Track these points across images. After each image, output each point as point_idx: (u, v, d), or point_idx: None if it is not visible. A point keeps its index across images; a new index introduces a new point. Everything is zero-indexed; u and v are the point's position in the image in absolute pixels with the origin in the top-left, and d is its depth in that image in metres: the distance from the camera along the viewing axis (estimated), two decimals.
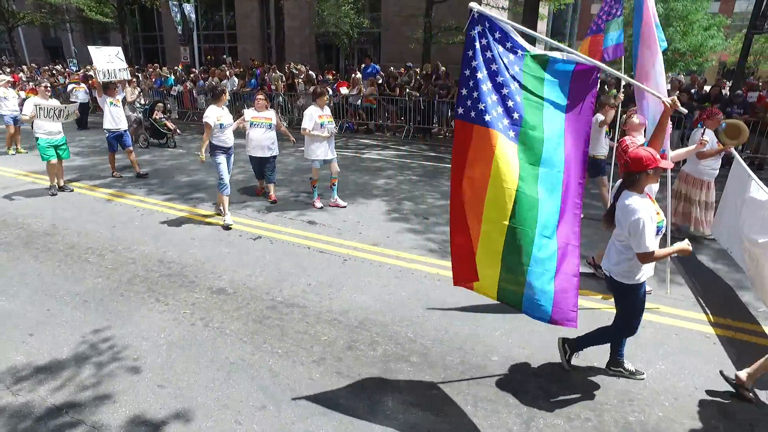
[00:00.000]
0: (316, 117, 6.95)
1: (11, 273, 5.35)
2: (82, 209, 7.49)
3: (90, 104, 15.75)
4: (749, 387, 3.52)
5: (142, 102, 13.77)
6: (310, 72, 15.83)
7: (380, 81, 14.36)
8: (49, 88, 8.31)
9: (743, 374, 3.53)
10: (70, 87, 14.34)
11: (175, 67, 18.67)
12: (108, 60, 9.00)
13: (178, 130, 12.76)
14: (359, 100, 14.27)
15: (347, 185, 8.77)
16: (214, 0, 27.83)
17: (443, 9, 19.52)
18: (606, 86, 11.78)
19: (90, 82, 17.38)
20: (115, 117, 8.83)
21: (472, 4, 3.09)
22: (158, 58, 29.57)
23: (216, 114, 6.49)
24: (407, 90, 13.70)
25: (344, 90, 14.26)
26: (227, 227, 6.63)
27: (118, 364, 3.79)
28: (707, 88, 12.16)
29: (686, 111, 4.40)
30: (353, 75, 15.78)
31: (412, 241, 6.27)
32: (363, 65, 16.04)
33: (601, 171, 6.87)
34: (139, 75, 18.03)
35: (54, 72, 20.62)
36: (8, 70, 21.12)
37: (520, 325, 4.35)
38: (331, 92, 14.57)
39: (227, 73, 16.45)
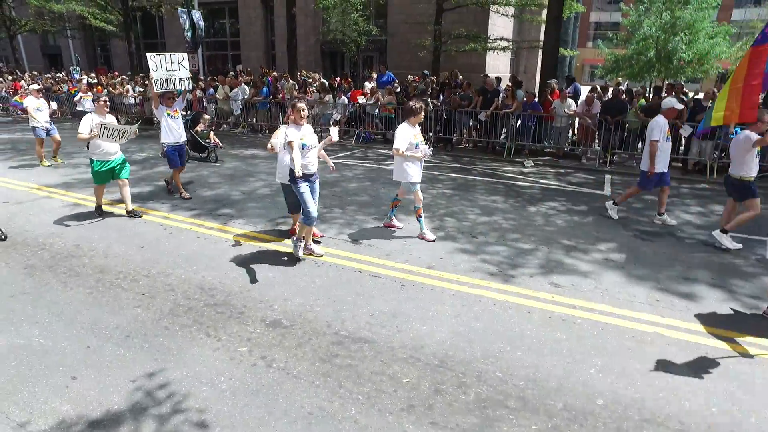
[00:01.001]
0: (411, 137, 6.20)
1: (41, 301, 4.86)
2: (106, 228, 7.01)
3: None
4: None
5: (183, 113, 13.04)
6: (323, 80, 15.41)
7: (398, 90, 13.99)
8: (108, 103, 7.46)
9: None
10: (78, 96, 13.82)
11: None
12: (168, 68, 8.20)
13: (221, 144, 11.89)
14: (377, 110, 13.88)
15: (381, 200, 8.34)
16: (217, 7, 27.47)
17: (451, 16, 19.24)
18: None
19: (96, 89, 16.91)
20: (173, 130, 8.06)
21: None
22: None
23: (298, 134, 5.41)
24: (426, 99, 13.32)
25: (362, 99, 13.86)
26: (320, 255, 5.97)
27: (183, 417, 3.31)
28: None
29: None
30: (368, 83, 15.43)
31: (468, 264, 5.83)
32: (378, 73, 15.67)
33: (752, 193, 6.22)
34: (147, 83, 17.52)
35: (56, 79, 20.08)
36: (9, 78, 20.56)
37: (613, 362, 3.94)
38: (346, 101, 14.19)
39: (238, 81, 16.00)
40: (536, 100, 12.31)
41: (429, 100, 13.27)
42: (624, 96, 11.57)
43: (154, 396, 3.51)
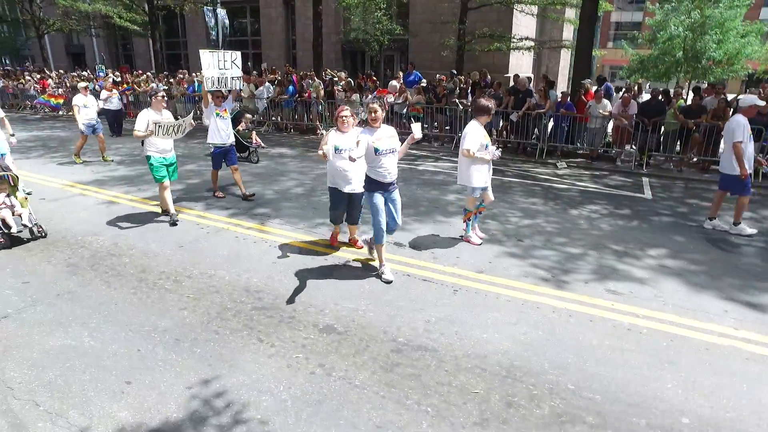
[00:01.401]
0: (481, 137, 5.75)
1: (87, 301, 4.75)
2: (142, 226, 6.91)
3: (123, 111, 15.27)
4: None
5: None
6: (349, 79, 15.26)
7: (424, 86, 13.78)
8: (165, 98, 7.09)
9: None
10: (104, 95, 13.80)
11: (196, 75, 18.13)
12: (221, 66, 7.67)
13: (263, 144, 11.50)
14: (405, 109, 13.68)
15: (419, 201, 8.15)
16: (238, 6, 27.47)
17: (474, 15, 18.98)
18: None
19: (120, 87, 16.95)
20: (221, 130, 7.72)
21: None
22: (181, 63, 29.23)
23: (373, 137, 4.98)
24: (455, 99, 13.11)
25: (390, 98, 13.68)
26: (387, 282, 5.19)
27: (245, 428, 3.15)
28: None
29: None
30: (394, 82, 15.24)
31: (519, 268, 5.62)
32: (404, 72, 15.48)
33: None
34: (172, 81, 17.55)
35: (82, 77, 20.17)
36: (37, 76, 20.73)
37: (690, 377, 3.71)
38: (366, 99, 14.01)
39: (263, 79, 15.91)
40: (569, 100, 12.02)
41: (457, 100, 13.06)
42: (662, 97, 11.24)
43: (213, 405, 3.36)
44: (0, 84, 19.92)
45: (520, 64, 24.32)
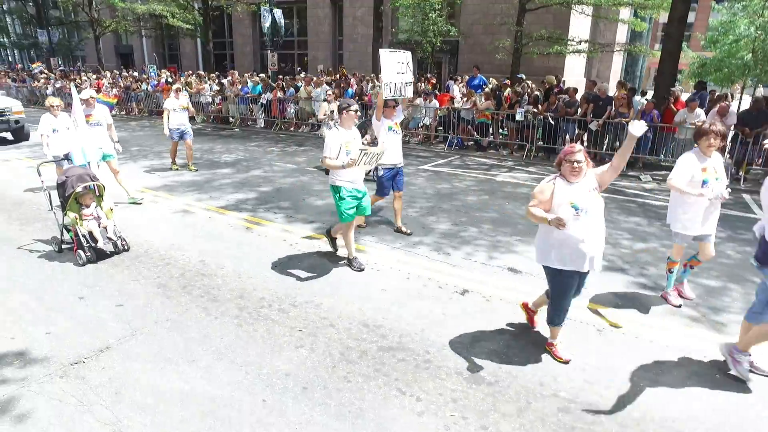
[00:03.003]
0: (695, 170, 4.36)
1: (189, 332, 4.27)
2: (223, 239, 6.45)
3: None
4: None
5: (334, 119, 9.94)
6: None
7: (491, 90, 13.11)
8: (358, 113, 5.54)
9: None
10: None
11: (260, 75, 17.82)
12: (399, 69, 6.25)
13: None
14: (472, 115, 13.03)
15: (511, 217, 7.51)
16: (285, 6, 27.22)
17: (530, 17, 18.14)
18: None
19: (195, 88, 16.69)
20: (395, 148, 6.32)
21: None
22: (226, 64, 29.16)
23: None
24: (527, 106, 12.38)
25: (457, 103, 13.05)
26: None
27: None
28: None
29: None
30: (454, 86, 14.63)
31: (659, 307, 4.90)
32: (469, 76, 14.84)
33: None
34: (224, 82, 17.29)
35: (135, 78, 20.15)
36: (93, 76, 20.81)
37: None
38: (437, 104, 13.42)
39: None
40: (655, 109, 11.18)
41: (529, 107, 12.34)
42: (766, 105, 10.31)
43: None
44: (59, 84, 20.03)
45: (573, 68, 23.40)
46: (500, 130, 13.25)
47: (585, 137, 12.02)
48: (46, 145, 7.48)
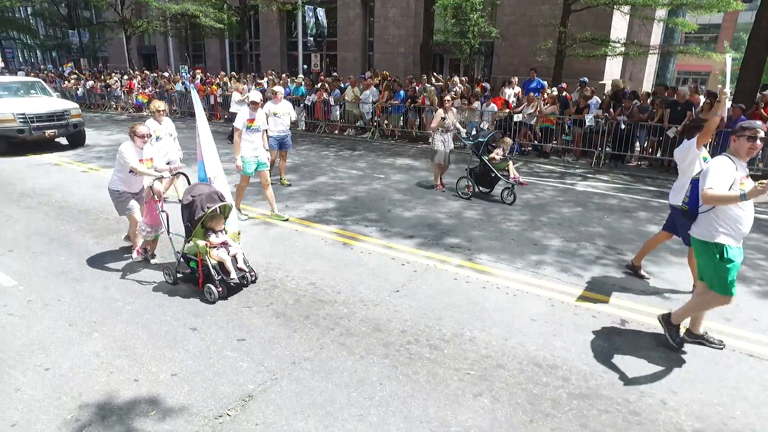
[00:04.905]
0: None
1: (338, 376, 3.67)
2: (324, 257, 5.87)
3: None
4: None
5: (461, 129, 9.08)
6: (467, 84, 14.07)
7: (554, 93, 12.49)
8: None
9: None
10: (237, 97, 12.57)
11: (295, 77, 17.24)
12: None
13: (522, 180, 8.89)
14: (534, 119, 12.41)
15: (619, 233, 6.89)
16: (315, 7, 26.68)
17: (570, 18, 17.47)
18: None
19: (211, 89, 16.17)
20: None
21: None
22: (251, 65, 28.62)
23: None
24: (597, 110, 11.74)
25: (520, 109, 12.43)
26: None
27: None
28: None
29: None
30: (507, 89, 14.01)
31: None
32: (527, 79, 14.22)
33: None
34: (265, 83, 16.72)
35: (168, 78, 19.65)
36: (125, 77, 20.32)
37: None
38: (495, 108, 12.81)
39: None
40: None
41: (599, 112, 11.70)
42: None
43: None
44: (89, 85, 19.55)
45: (612, 71, 22.76)
46: (563, 136, 12.62)
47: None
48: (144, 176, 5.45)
